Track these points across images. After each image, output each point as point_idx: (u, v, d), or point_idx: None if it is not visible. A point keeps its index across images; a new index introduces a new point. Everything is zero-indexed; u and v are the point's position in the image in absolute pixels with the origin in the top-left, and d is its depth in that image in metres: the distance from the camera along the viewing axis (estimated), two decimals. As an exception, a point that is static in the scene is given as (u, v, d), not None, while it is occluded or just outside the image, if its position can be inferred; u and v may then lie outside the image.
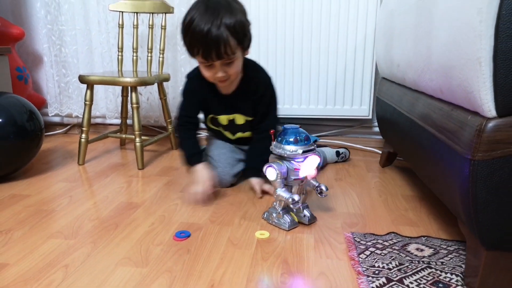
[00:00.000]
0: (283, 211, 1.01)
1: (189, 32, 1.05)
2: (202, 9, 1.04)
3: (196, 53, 1.08)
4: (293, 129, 1.00)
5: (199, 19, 1.03)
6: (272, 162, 0.99)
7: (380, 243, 0.92)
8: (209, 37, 1.02)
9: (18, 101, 1.35)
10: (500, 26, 0.59)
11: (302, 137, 0.99)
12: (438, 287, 0.75)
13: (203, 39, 1.03)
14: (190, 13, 1.06)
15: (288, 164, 0.99)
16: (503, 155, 0.63)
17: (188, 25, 1.05)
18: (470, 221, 0.70)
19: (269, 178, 1.00)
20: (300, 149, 0.97)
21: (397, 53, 1.11)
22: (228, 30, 1.03)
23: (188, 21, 1.05)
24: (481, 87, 0.63)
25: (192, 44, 1.07)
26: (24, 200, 1.19)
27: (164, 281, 0.78)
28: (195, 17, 1.04)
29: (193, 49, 1.08)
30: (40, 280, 0.78)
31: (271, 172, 0.99)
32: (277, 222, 1.02)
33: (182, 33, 1.10)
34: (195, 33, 1.03)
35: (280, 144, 0.99)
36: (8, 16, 1.94)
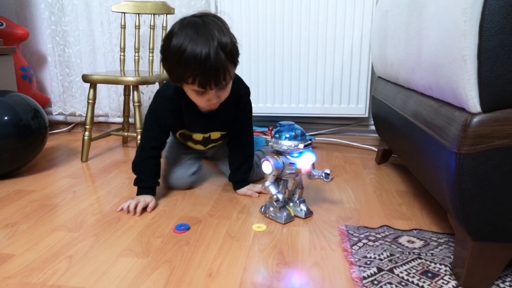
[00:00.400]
0: (280, 205, 1.04)
1: (182, 59, 0.93)
2: (192, 33, 0.93)
3: (190, 82, 0.96)
4: (288, 126, 1.03)
5: (193, 44, 0.91)
6: (268, 157, 1.02)
7: (372, 236, 0.95)
8: (208, 65, 0.92)
9: (24, 99, 1.38)
10: (484, 25, 0.62)
11: (298, 132, 1.02)
12: (427, 276, 0.78)
13: (201, 67, 0.92)
14: (178, 37, 0.93)
15: (284, 159, 1.02)
16: (487, 149, 0.66)
17: (179, 51, 0.92)
18: (457, 213, 0.73)
19: (265, 171, 1.02)
20: (296, 144, 1.00)
21: (391, 53, 1.15)
22: (225, 54, 0.94)
23: (178, 46, 0.92)
24: (466, 84, 0.66)
25: (187, 73, 0.95)
26: (29, 195, 1.22)
27: (164, 270, 0.81)
28: (186, 42, 0.92)
29: (186, 78, 0.96)
30: (45, 270, 0.81)
31: (267, 166, 1.01)
32: (273, 215, 1.05)
33: (168, 60, 0.97)
34: (190, 60, 0.92)
35: (277, 140, 1.02)
36: (13, 17, 1.98)
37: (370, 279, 0.77)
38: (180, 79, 0.99)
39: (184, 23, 0.96)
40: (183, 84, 1.01)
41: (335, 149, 1.81)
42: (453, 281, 0.77)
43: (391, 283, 0.75)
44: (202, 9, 1.82)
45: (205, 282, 0.77)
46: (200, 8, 1.82)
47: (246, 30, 1.76)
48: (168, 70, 1.01)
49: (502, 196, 0.67)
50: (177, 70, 0.97)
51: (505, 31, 0.60)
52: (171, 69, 0.99)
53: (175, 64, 0.96)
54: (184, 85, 1.01)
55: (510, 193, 0.67)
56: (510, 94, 0.63)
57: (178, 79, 1.00)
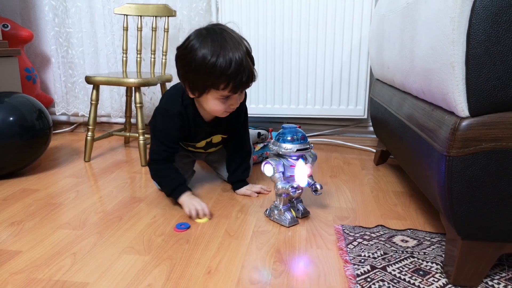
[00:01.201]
0: (284, 208, 1.05)
1: (213, 68, 0.96)
2: (221, 41, 0.97)
3: (222, 88, 1.00)
4: (291, 129, 1.05)
5: (225, 50, 0.96)
6: (269, 159, 1.04)
7: (367, 235, 0.97)
8: (241, 69, 0.97)
9: (28, 100, 1.42)
10: (471, 33, 0.65)
11: (299, 136, 1.04)
12: (418, 274, 0.81)
13: (235, 72, 0.97)
14: (206, 47, 0.97)
15: (284, 161, 1.04)
16: (475, 152, 0.69)
17: (209, 62, 0.96)
18: (447, 213, 0.75)
19: (267, 174, 1.05)
20: (294, 147, 1.02)
21: (387, 56, 1.17)
22: (250, 59, 1.01)
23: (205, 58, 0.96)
24: (454, 89, 0.68)
25: (221, 79, 0.98)
26: (34, 194, 1.26)
27: (165, 267, 0.84)
28: (218, 49, 0.96)
29: (218, 85, 0.99)
30: (50, 266, 0.84)
31: (268, 169, 1.04)
32: (277, 218, 1.06)
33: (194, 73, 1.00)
34: (224, 67, 0.96)
35: (277, 142, 1.04)
36: (17, 19, 2.02)
37: (363, 276, 0.80)
38: (208, 87, 1.01)
39: (203, 34, 1.00)
40: (208, 92, 1.02)
41: (334, 150, 1.83)
42: (443, 279, 0.79)
43: (383, 281, 0.78)
44: (204, 11, 1.85)
45: (204, 279, 0.80)
46: (202, 11, 1.85)
47: (247, 32, 1.79)
48: (193, 81, 1.02)
49: (490, 197, 0.70)
50: (207, 78, 0.99)
51: (491, 39, 0.63)
52: (199, 79, 1.00)
53: (206, 73, 0.97)
54: (209, 93, 1.03)
55: (497, 193, 0.69)
56: (497, 99, 0.66)
57: (206, 87, 1.01)
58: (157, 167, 1.17)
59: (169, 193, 1.16)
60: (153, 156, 1.16)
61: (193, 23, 1.86)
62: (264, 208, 1.16)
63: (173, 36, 1.90)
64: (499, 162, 0.68)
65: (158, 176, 1.18)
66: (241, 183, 1.28)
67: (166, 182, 1.16)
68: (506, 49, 0.63)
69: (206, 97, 1.05)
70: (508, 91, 0.65)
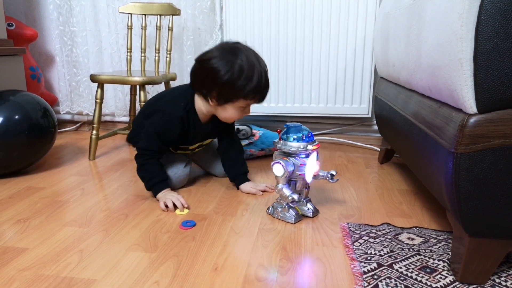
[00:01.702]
0: (288, 205, 1.05)
1: (248, 81, 1.07)
2: (252, 57, 1.09)
3: (250, 98, 1.11)
4: (296, 127, 1.05)
5: (257, 66, 1.09)
6: (279, 159, 1.02)
7: (373, 233, 0.97)
8: (267, 81, 1.12)
9: (33, 99, 1.42)
10: (479, 30, 0.64)
11: (305, 133, 1.03)
12: (425, 272, 0.81)
13: (263, 85, 1.10)
14: (237, 67, 1.07)
15: (294, 160, 1.03)
16: (483, 149, 0.68)
17: (245, 77, 1.07)
18: (454, 210, 0.75)
19: (277, 174, 1.03)
20: (305, 145, 1.01)
21: (392, 54, 1.17)
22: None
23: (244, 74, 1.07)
24: (463, 85, 0.68)
25: (249, 93, 1.09)
26: (40, 192, 1.26)
27: (172, 264, 0.84)
28: (250, 69, 1.07)
29: (247, 95, 1.10)
30: (58, 263, 0.85)
31: (278, 169, 1.02)
32: (282, 216, 1.06)
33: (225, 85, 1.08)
34: (255, 82, 1.08)
35: (285, 141, 1.03)
36: (22, 18, 2.03)
37: (370, 274, 0.80)
38: (238, 97, 1.10)
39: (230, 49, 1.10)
40: (235, 101, 1.11)
41: (338, 148, 1.83)
42: (450, 276, 0.79)
43: (390, 278, 0.78)
44: (208, 9, 1.85)
45: (211, 276, 0.80)
46: (206, 9, 1.85)
47: (250, 30, 1.79)
48: (223, 91, 1.09)
49: (497, 194, 0.70)
50: (241, 89, 1.08)
51: (500, 35, 0.63)
52: (232, 89, 1.09)
53: (242, 85, 1.08)
54: (234, 102, 1.12)
55: (505, 191, 0.69)
56: (505, 96, 0.65)
57: (236, 97, 1.10)
58: (143, 161, 1.19)
59: (149, 188, 1.19)
60: (141, 151, 1.19)
61: (197, 21, 1.87)
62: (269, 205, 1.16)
63: (177, 35, 1.90)
64: (507, 159, 0.67)
65: (143, 170, 1.20)
66: (243, 176, 1.29)
67: (149, 177, 1.18)
68: (515, 46, 0.63)
69: (228, 105, 1.13)
70: (516, 87, 0.65)
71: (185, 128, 1.19)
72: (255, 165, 1.55)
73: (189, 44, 1.90)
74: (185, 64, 1.93)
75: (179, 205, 1.11)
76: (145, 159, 1.19)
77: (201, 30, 1.89)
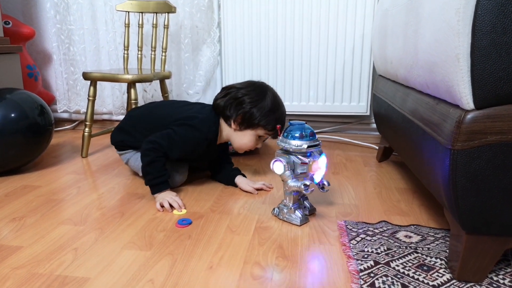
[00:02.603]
0: (294, 206, 1.03)
1: (275, 114, 1.20)
2: (273, 93, 1.24)
3: (269, 129, 1.21)
4: (299, 125, 1.03)
5: (281, 104, 1.24)
6: (278, 157, 1.01)
7: (371, 231, 0.97)
8: (285, 120, 1.23)
9: (30, 97, 1.41)
10: (476, 25, 0.64)
11: (308, 132, 1.02)
12: (422, 269, 0.80)
13: (283, 120, 1.23)
14: (267, 97, 1.21)
15: (294, 159, 1.01)
16: (480, 145, 0.68)
17: (275, 107, 1.21)
18: (451, 207, 0.75)
19: (277, 172, 1.01)
20: (304, 144, 1.00)
21: (390, 51, 1.16)
22: None
23: (272, 103, 1.21)
24: (460, 81, 0.68)
25: (277, 122, 1.19)
26: (36, 191, 1.25)
27: (167, 262, 0.84)
28: (276, 103, 1.22)
29: (269, 127, 1.20)
30: (52, 261, 0.84)
31: (278, 166, 1.00)
32: (288, 217, 1.03)
33: (259, 112, 1.19)
34: (282, 113, 1.23)
35: (286, 139, 1.02)
36: (19, 16, 2.02)
37: (366, 271, 0.79)
38: (259, 126, 1.20)
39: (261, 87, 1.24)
40: (255, 129, 1.21)
41: (336, 147, 1.83)
42: (448, 274, 0.79)
43: (387, 276, 0.78)
44: (205, 7, 1.84)
45: (206, 274, 0.79)
46: (203, 7, 1.84)
47: (248, 28, 1.78)
48: (249, 118, 1.20)
49: (495, 191, 0.69)
50: (264, 119, 1.19)
51: (497, 30, 0.62)
52: (256, 117, 1.19)
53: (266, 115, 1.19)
54: (254, 130, 1.21)
55: (502, 187, 0.68)
56: (502, 91, 0.65)
57: (257, 125, 1.20)
58: (154, 157, 1.16)
59: (151, 185, 1.17)
60: (156, 146, 1.17)
61: (195, 19, 1.86)
62: (267, 204, 1.15)
63: (175, 33, 1.90)
64: (504, 155, 0.67)
65: (151, 167, 1.17)
66: (237, 171, 1.30)
67: (154, 175, 1.16)
68: (512, 40, 0.62)
69: (248, 131, 1.22)
70: (514, 83, 0.64)
71: (205, 148, 1.24)
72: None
73: (186, 42, 1.89)
74: (182, 62, 1.92)
75: (176, 206, 1.10)
76: (157, 156, 1.17)
77: (198, 28, 1.88)
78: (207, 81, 1.96)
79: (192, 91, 1.96)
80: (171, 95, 1.96)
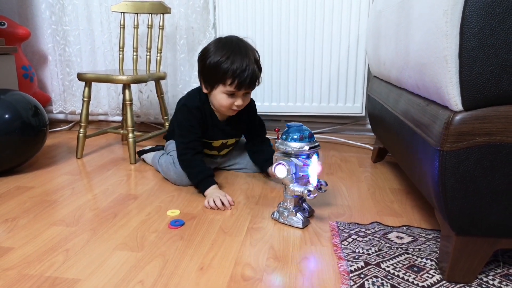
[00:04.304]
0: (295, 209, 1.02)
1: (224, 66, 1.15)
2: (234, 48, 1.17)
3: (228, 83, 1.16)
4: (296, 127, 1.02)
5: (235, 55, 1.16)
6: (281, 160, 0.99)
7: (362, 231, 0.97)
8: (247, 69, 1.16)
9: (24, 97, 1.41)
10: (464, 26, 0.64)
11: (306, 134, 1.01)
12: (413, 270, 0.80)
13: (241, 71, 1.15)
14: (220, 52, 1.17)
15: (295, 161, 1.00)
16: (468, 146, 0.68)
17: (221, 61, 1.16)
18: (441, 208, 0.75)
19: (279, 176, 1.00)
20: (305, 145, 0.99)
21: (383, 52, 1.17)
22: (256, 65, 1.20)
23: (220, 58, 1.16)
24: (448, 83, 0.68)
25: (226, 76, 1.16)
26: (29, 191, 1.25)
27: (157, 263, 0.84)
28: (229, 54, 1.16)
29: (225, 80, 1.16)
30: (42, 262, 0.84)
31: (281, 170, 0.99)
32: (289, 220, 1.02)
33: (209, 69, 1.18)
34: (233, 67, 1.15)
35: (285, 142, 1.01)
36: (14, 17, 2.02)
37: (357, 272, 0.79)
38: (217, 82, 1.18)
39: (222, 40, 1.21)
40: (217, 87, 1.19)
41: (331, 147, 1.83)
42: (438, 275, 0.79)
43: (377, 277, 0.78)
44: (201, 8, 1.84)
45: (196, 275, 0.79)
46: (199, 8, 1.84)
47: (244, 29, 1.79)
48: (207, 77, 1.21)
49: (484, 192, 0.69)
50: (217, 74, 1.17)
51: (484, 32, 0.62)
52: (211, 74, 1.18)
53: (217, 70, 1.16)
54: (217, 88, 1.19)
55: (490, 188, 0.69)
56: (490, 93, 0.65)
57: (216, 82, 1.19)
58: (189, 157, 1.24)
59: (196, 183, 1.23)
60: (181, 147, 1.25)
61: (190, 20, 1.86)
62: (260, 205, 1.15)
63: (170, 34, 1.90)
64: (492, 156, 0.67)
65: (189, 167, 1.24)
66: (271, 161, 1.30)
67: (196, 172, 1.22)
68: (500, 42, 0.63)
69: (215, 92, 1.21)
70: (501, 84, 0.64)
71: (203, 118, 1.27)
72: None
73: (182, 43, 1.89)
74: (178, 63, 1.92)
75: (226, 203, 1.12)
76: (191, 155, 1.23)
77: (194, 29, 1.88)
78: (203, 82, 1.96)
79: (188, 92, 1.96)
80: (167, 96, 1.96)
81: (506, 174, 0.67)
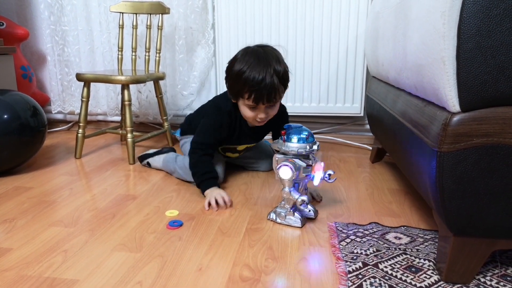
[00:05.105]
0: (293, 209, 1.02)
1: (242, 79, 1.12)
2: (253, 59, 1.13)
3: (246, 97, 1.15)
4: (296, 128, 1.03)
5: (252, 68, 1.12)
6: (286, 162, 0.98)
7: (361, 232, 0.97)
8: (264, 83, 1.11)
9: (22, 98, 1.41)
10: (462, 28, 0.64)
11: (306, 134, 1.01)
12: (410, 271, 0.80)
13: (257, 85, 1.11)
14: (241, 63, 1.14)
15: (299, 162, 1.00)
16: (466, 147, 0.68)
17: (240, 73, 1.13)
18: (439, 209, 0.75)
19: (283, 177, 0.98)
20: (308, 146, 1.00)
21: (381, 53, 1.17)
22: (278, 78, 1.14)
23: (239, 69, 1.13)
24: (445, 84, 0.68)
25: (244, 90, 1.13)
26: (28, 192, 1.25)
27: (156, 264, 0.84)
28: (247, 66, 1.12)
29: (243, 94, 1.15)
30: (41, 263, 0.84)
31: (286, 171, 0.97)
32: (287, 220, 1.02)
33: (231, 80, 1.17)
34: (249, 80, 1.11)
35: (287, 143, 1.01)
36: (13, 17, 2.01)
37: (355, 273, 0.79)
38: (238, 95, 1.17)
39: (248, 50, 1.18)
40: (239, 98, 1.18)
41: (330, 148, 1.83)
42: (435, 275, 0.79)
43: (375, 277, 0.78)
44: (200, 8, 1.84)
45: (195, 276, 0.80)
46: (197, 8, 1.84)
47: (243, 30, 1.79)
48: (230, 87, 1.20)
49: (481, 193, 0.69)
50: (235, 87, 1.16)
51: (482, 33, 0.63)
52: (233, 86, 1.18)
53: (234, 83, 1.16)
54: (239, 100, 1.19)
55: (488, 189, 0.69)
56: (487, 94, 0.65)
57: (237, 94, 1.18)
58: (198, 157, 1.24)
59: (198, 183, 1.22)
60: (196, 145, 1.25)
61: (189, 20, 1.86)
62: (258, 206, 1.16)
63: (169, 34, 1.90)
64: (490, 157, 0.67)
65: (196, 167, 1.24)
66: None
67: (200, 173, 1.22)
68: (497, 44, 0.63)
69: (240, 103, 1.21)
70: (499, 85, 0.64)
71: (232, 123, 1.27)
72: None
73: (181, 43, 1.89)
74: (177, 63, 1.92)
75: (221, 202, 1.13)
76: (200, 155, 1.23)
77: (193, 29, 1.88)
78: (202, 82, 1.96)
79: (187, 92, 1.96)
80: (166, 96, 1.96)
81: (503, 175, 0.68)
